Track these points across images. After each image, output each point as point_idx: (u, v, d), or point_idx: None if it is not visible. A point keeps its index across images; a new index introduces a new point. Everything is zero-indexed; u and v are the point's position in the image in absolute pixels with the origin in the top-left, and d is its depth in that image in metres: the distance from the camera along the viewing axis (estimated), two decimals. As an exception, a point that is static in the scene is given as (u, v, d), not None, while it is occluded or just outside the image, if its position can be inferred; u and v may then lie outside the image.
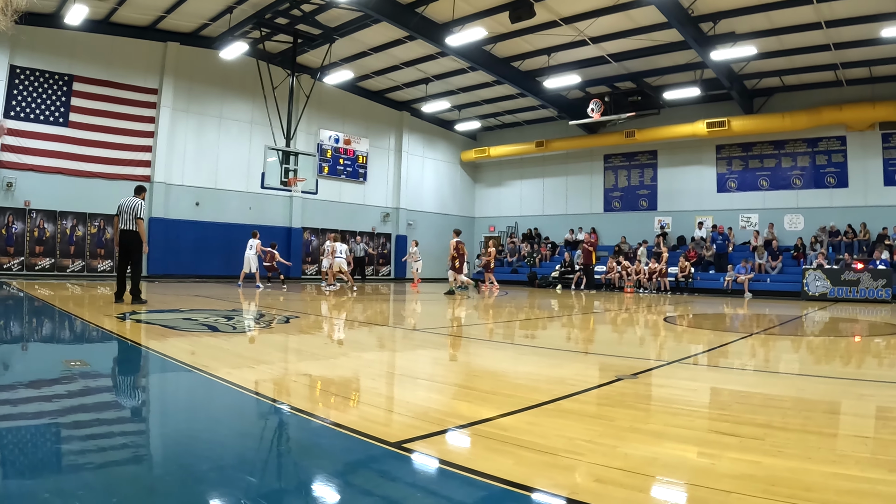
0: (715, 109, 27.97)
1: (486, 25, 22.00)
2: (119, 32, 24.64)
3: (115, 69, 24.73)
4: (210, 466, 3.19)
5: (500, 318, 13.30)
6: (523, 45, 24.95)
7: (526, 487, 2.88)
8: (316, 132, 30.93)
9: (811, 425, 4.22)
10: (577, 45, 24.11)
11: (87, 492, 2.73)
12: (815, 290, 22.67)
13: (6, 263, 22.25)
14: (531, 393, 5.27)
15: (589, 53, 24.94)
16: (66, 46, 23.47)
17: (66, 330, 8.96)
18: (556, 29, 22.75)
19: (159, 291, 17.61)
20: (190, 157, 26.74)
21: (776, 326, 12.45)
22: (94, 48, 24.16)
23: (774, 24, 20.69)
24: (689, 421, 4.33)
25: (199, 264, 25.80)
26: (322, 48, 25.67)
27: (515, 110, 34.20)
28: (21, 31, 22.10)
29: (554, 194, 35.88)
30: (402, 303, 17.33)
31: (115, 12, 23.38)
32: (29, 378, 5.60)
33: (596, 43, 23.75)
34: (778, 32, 21.22)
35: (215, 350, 7.32)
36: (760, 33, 21.22)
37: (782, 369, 7.24)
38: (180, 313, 11.45)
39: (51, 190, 23.05)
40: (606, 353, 8.27)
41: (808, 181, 26.99)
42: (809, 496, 2.79)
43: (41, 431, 3.83)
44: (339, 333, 9.97)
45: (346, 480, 3.12)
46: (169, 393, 5.50)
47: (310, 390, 5.39)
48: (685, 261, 26.37)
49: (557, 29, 22.74)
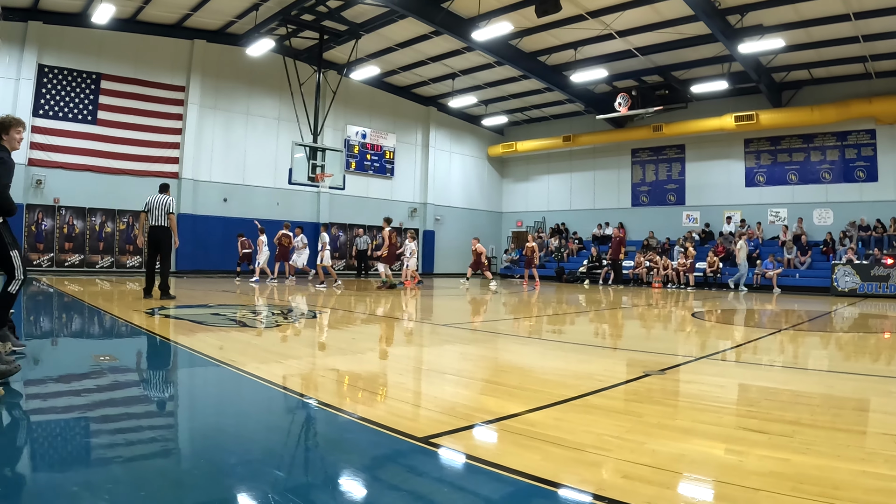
0: (743, 103, 27.68)
1: (512, 20, 21.93)
2: (146, 31, 24.87)
3: (142, 67, 24.97)
4: (238, 460, 3.22)
5: (527, 314, 13.28)
6: (550, 40, 24.84)
7: (553, 483, 2.88)
8: (343, 128, 31.01)
9: (840, 423, 4.18)
10: (603, 39, 23.96)
11: (115, 485, 2.77)
12: (844, 285, 22.42)
13: (36, 260, 22.54)
14: (559, 388, 5.26)
15: (616, 47, 24.78)
16: (93, 45, 23.72)
17: (96, 325, 9.07)
18: (583, 23, 22.62)
19: (187, 287, 17.76)
20: (217, 154, 26.94)
21: (805, 322, 12.35)
22: (122, 46, 24.41)
23: (802, 16, 20.44)
24: (717, 417, 4.30)
25: (227, 260, 25.96)
26: (348, 44, 25.74)
27: (542, 105, 34.04)
28: (49, 30, 22.43)
29: (581, 189, 35.69)
30: (429, 298, 17.33)
31: (141, 11, 23.61)
32: (59, 373, 5.67)
33: (623, 36, 23.60)
34: (806, 25, 20.95)
35: (243, 345, 7.38)
36: (788, 25, 20.96)
37: (811, 366, 7.18)
38: (208, 308, 11.55)
39: (80, 187, 23.30)
40: (634, 349, 8.23)
41: (838, 175, 26.65)
42: (838, 494, 2.76)
43: (71, 425, 3.88)
44: (367, 328, 10.00)
45: (374, 475, 3.14)
46: (197, 387, 5.55)
47: (337, 385, 5.42)
48: (713, 256, 26.16)
49: (584, 23, 22.61)
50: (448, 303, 16.22)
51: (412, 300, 16.20)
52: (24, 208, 22.11)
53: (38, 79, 22.59)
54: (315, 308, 12.48)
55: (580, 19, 22.34)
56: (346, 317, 11.55)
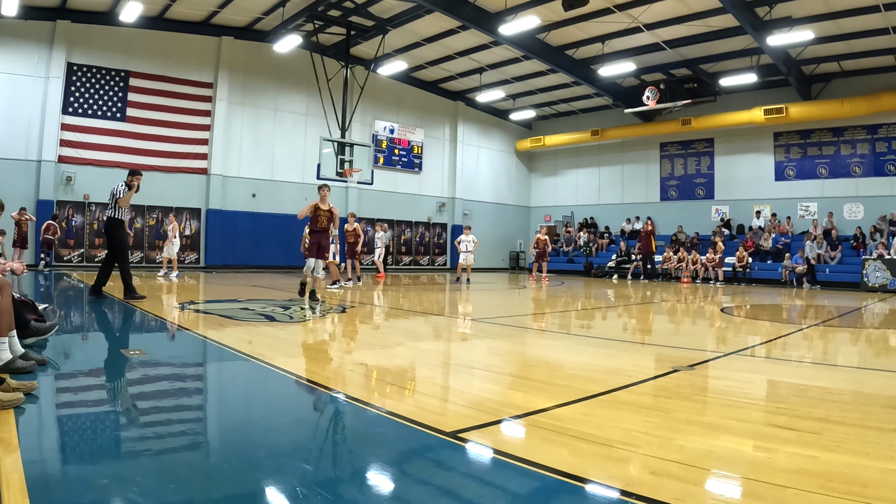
0: (772, 96, 27.38)
1: (539, 14, 21.83)
2: (173, 28, 25.08)
3: (170, 64, 25.19)
4: (266, 453, 3.26)
5: (555, 308, 13.27)
6: (577, 33, 24.72)
7: (581, 479, 2.89)
8: (371, 123, 31.08)
9: (870, 420, 4.15)
10: (631, 32, 23.80)
11: (144, 477, 2.82)
12: (874, 280, 22.12)
13: (66, 255, 22.83)
14: (587, 383, 5.27)
15: (643, 40, 24.60)
16: (121, 43, 23.96)
17: (126, 320, 9.16)
18: (610, 16, 22.48)
19: (217, 282, 17.91)
20: (246, 150, 27.12)
21: (835, 318, 12.23)
22: (150, 44, 24.64)
23: (832, 7, 20.18)
24: (745, 414, 4.29)
25: (256, 255, 26.13)
26: (375, 39, 25.76)
27: (570, 99, 33.86)
28: (77, 29, 22.68)
29: (610, 183, 35.50)
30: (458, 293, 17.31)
31: (169, 8, 23.80)
32: (90, 367, 5.77)
33: (650, 29, 23.44)
34: (835, 16, 20.66)
35: (272, 339, 7.43)
36: (817, 17, 20.70)
37: (841, 362, 7.12)
38: (238, 303, 11.65)
39: (109, 183, 23.10)
40: (663, 344, 8.19)
41: (868, 169, 26.29)
42: (867, 493, 2.75)
43: (101, 418, 3.95)
44: (395, 323, 10.03)
45: (402, 469, 3.16)
46: (226, 381, 5.62)
47: (365, 379, 5.46)
48: (743, 250, 25.95)
49: (611, 16, 22.47)
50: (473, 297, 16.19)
51: (440, 294, 16.21)
52: (54, 205, 22.46)
53: (68, 77, 22.86)
54: (344, 303, 12.53)
55: (608, 12, 22.21)
56: (375, 311, 11.59)
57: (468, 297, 16.16)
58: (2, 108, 21.58)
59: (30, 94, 22.07)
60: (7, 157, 21.62)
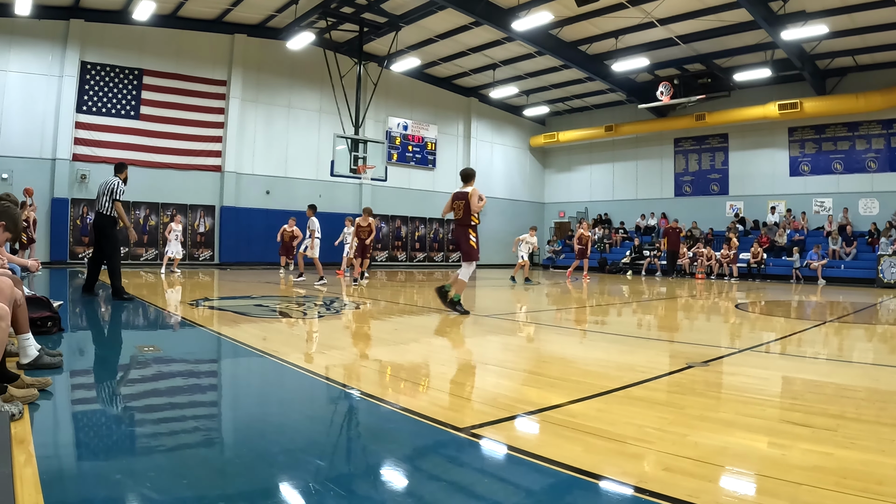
0: (787, 91, 27.21)
1: (552, 9, 21.78)
2: (187, 26, 25.15)
3: (183, 62, 25.27)
4: (280, 449, 3.27)
5: (568, 304, 13.26)
6: (590, 29, 24.65)
7: (594, 475, 2.89)
8: (384, 119, 31.09)
9: (885, 417, 4.13)
10: (644, 28, 23.71)
11: (158, 473, 2.84)
12: (890, 276, 21.99)
13: (82, 253, 22.88)
14: (600, 380, 5.26)
15: (657, 35, 24.51)
16: (134, 41, 24.05)
17: (140, 316, 9.20)
18: (623, 11, 22.40)
19: (231, 279, 17.98)
20: (260, 147, 27.17)
21: (850, 314, 12.17)
22: (163, 42, 24.72)
23: (846, 1, 20.00)
24: (760, 410, 4.28)
25: (270, 252, 26.20)
26: (388, 36, 25.75)
27: (584, 94, 33.77)
28: (90, 28, 22.79)
29: (624, 179, 35.40)
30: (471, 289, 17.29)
31: (182, 6, 23.87)
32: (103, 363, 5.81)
33: (664, 24, 23.34)
34: (850, 10, 20.51)
35: (286, 336, 7.47)
36: (832, 11, 20.55)
37: (856, 358, 7.09)
38: (252, 300, 11.69)
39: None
40: (677, 340, 8.18)
41: (884, 164, 26.09)
42: (882, 490, 2.74)
43: (114, 414, 3.98)
44: (409, 319, 10.04)
45: (415, 465, 3.17)
46: (240, 377, 5.64)
47: (379, 375, 5.47)
48: (758, 246, 25.84)
49: (624, 11, 22.40)
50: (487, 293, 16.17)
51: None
52: (69, 203, 22.60)
53: (81, 76, 22.95)
54: (358, 300, 12.55)
55: (621, 7, 22.13)
56: (389, 308, 11.61)
57: (481, 293, 16.12)
58: (17, 107, 21.68)
59: (44, 92, 22.15)
60: (22, 156, 21.73)
